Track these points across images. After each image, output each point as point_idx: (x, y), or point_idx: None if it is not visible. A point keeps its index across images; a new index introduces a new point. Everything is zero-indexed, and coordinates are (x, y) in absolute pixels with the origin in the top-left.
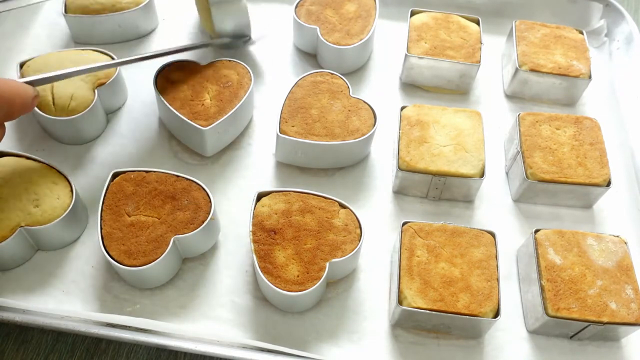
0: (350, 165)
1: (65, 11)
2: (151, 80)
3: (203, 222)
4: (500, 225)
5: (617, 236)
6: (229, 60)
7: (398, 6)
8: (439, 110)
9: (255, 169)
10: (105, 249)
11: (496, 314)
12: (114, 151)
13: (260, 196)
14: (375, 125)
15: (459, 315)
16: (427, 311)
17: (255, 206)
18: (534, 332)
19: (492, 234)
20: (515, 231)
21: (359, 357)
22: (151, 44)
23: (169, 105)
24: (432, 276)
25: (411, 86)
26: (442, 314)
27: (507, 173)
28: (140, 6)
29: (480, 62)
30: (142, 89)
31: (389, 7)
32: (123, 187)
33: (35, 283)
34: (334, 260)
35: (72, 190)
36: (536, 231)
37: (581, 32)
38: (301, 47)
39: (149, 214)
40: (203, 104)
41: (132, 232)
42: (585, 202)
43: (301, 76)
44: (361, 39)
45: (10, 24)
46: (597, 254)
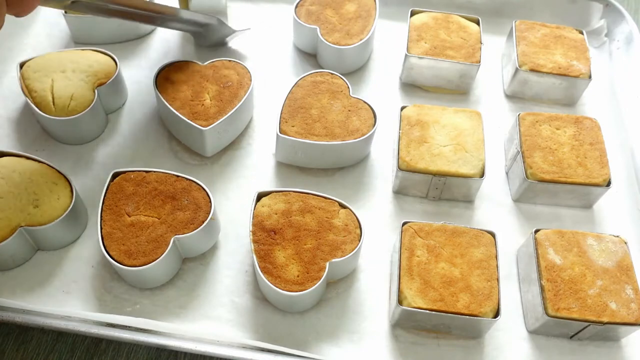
0: (350, 165)
1: (65, 11)
2: (151, 80)
3: (203, 222)
4: (500, 225)
5: (617, 236)
6: (229, 60)
7: (398, 6)
8: (439, 110)
9: (255, 169)
10: (105, 249)
11: (496, 314)
12: (114, 151)
13: (260, 196)
14: (375, 125)
15: (459, 315)
16: (427, 311)
17: (255, 206)
18: (534, 332)
19: (492, 234)
20: (515, 231)
21: (359, 357)
22: (151, 44)
23: (169, 106)
24: (432, 276)
25: (411, 86)
26: (442, 314)
27: (507, 173)
28: None
29: (480, 62)
30: (142, 89)
31: (389, 7)
32: (123, 187)
33: (35, 283)
34: (334, 260)
35: (72, 190)
36: (536, 231)
37: (581, 32)
38: (301, 47)
39: (149, 214)
40: (203, 104)
41: (132, 232)
42: (585, 202)
43: (301, 76)
44: (361, 39)
45: (10, 24)
46: (597, 254)
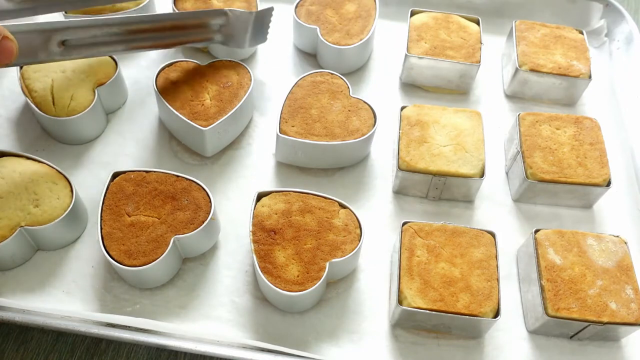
0: (350, 165)
1: (65, 11)
2: (151, 80)
3: (203, 222)
4: (500, 225)
5: (617, 236)
6: (229, 61)
7: (398, 6)
8: (439, 110)
9: (255, 169)
10: (105, 249)
11: (496, 314)
12: (114, 151)
13: (260, 196)
14: (375, 125)
15: (459, 315)
16: (427, 311)
17: (255, 206)
18: (534, 332)
19: (492, 234)
20: (515, 231)
21: (359, 357)
22: None
23: (169, 105)
24: (432, 276)
25: (411, 86)
26: (442, 314)
27: (507, 173)
28: (140, 6)
29: (480, 62)
30: (142, 89)
31: (389, 7)
32: (123, 187)
33: (35, 283)
34: (334, 260)
35: (72, 190)
36: (536, 231)
37: (581, 32)
38: (301, 47)
39: (149, 214)
40: (203, 104)
41: (132, 232)
42: (585, 202)
43: (301, 76)
44: (361, 39)
45: None
46: (597, 254)
